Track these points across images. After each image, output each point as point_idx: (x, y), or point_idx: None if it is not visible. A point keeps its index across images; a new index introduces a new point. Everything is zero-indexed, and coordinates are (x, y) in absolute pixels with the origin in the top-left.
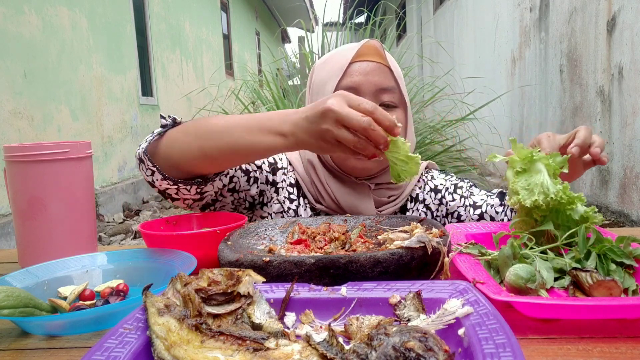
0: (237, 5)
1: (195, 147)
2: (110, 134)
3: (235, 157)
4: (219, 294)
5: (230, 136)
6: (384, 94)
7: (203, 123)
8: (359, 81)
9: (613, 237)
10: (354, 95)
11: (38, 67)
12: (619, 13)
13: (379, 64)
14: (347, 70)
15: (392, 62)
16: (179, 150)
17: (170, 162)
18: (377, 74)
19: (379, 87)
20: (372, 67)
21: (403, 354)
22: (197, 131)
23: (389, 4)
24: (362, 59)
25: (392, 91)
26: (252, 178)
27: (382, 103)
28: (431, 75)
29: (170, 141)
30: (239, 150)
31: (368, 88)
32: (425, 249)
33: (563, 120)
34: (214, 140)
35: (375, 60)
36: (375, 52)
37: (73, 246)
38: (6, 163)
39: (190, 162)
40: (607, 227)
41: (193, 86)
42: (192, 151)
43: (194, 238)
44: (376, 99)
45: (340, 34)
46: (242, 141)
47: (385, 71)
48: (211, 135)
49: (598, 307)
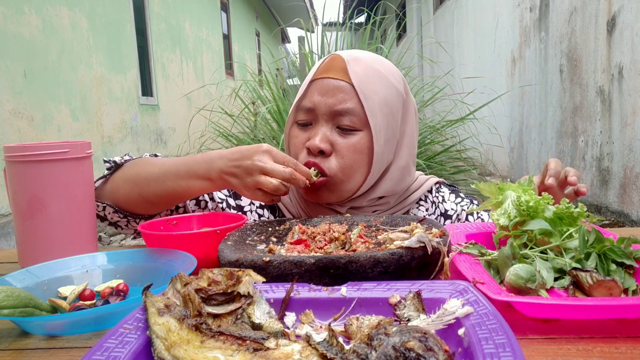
0: (237, 5)
1: (135, 194)
2: (110, 134)
3: (172, 200)
4: (219, 294)
5: (164, 183)
6: (340, 116)
7: (140, 170)
8: (316, 101)
9: (615, 237)
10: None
11: (38, 67)
12: (619, 13)
13: (340, 82)
14: (308, 87)
15: (363, 78)
16: (122, 197)
17: (117, 205)
18: (335, 94)
19: (333, 109)
20: (332, 85)
21: (403, 354)
22: (135, 179)
23: (388, 4)
24: (323, 75)
25: (350, 113)
26: (202, 202)
27: (339, 126)
28: (431, 76)
29: (114, 188)
30: (174, 195)
31: (323, 109)
32: (425, 249)
33: (563, 120)
34: (151, 187)
35: (337, 77)
36: (339, 67)
37: (73, 246)
38: (6, 163)
39: (134, 206)
40: (607, 227)
41: (193, 86)
42: (133, 197)
43: (194, 238)
44: (333, 121)
45: (340, 34)
46: (175, 187)
47: (346, 90)
48: (148, 182)
49: (598, 307)
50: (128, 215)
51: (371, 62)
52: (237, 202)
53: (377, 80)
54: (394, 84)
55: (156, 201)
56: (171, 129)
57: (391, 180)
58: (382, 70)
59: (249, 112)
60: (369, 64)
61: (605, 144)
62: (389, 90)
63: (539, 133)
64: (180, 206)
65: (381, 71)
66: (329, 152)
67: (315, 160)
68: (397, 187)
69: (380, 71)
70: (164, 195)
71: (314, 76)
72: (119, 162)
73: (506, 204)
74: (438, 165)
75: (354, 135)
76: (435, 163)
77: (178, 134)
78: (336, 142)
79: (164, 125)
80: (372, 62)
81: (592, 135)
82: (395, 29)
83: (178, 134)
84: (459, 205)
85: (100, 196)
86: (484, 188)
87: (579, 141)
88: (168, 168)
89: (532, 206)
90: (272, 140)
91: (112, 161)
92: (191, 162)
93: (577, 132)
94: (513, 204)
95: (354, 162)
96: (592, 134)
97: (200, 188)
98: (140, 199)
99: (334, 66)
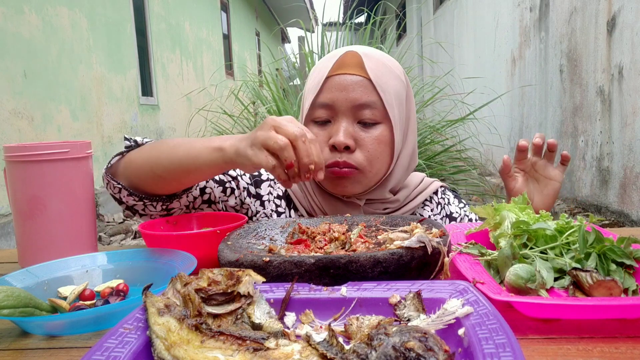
0: (237, 5)
1: (147, 168)
2: (110, 134)
3: (181, 175)
4: (219, 294)
5: (175, 154)
6: (362, 110)
7: (156, 145)
8: (335, 97)
9: (615, 237)
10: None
11: (38, 67)
12: (619, 13)
13: (358, 77)
14: (324, 84)
15: (377, 73)
16: (135, 172)
17: (129, 182)
18: (355, 88)
19: (355, 104)
20: (350, 81)
21: (403, 354)
22: (149, 153)
23: (388, 4)
24: (340, 71)
25: (372, 107)
26: (229, 189)
27: (360, 120)
28: (431, 76)
29: (127, 163)
30: (182, 167)
31: (344, 104)
32: (425, 249)
33: (563, 120)
34: (162, 160)
35: (354, 72)
36: (355, 63)
37: (73, 246)
38: (6, 163)
39: (145, 183)
40: (607, 227)
41: (193, 86)
42: (145, 172)
43: (194, 238)
44: (354, 116)
45: (340, 34)
46: (184, 159)
47: (365, 85)
48: (159, 155)
49: (598, 307)
50: (144, 198)
51: (380, 57)
52: (257, 191)
53: (389, 74)
54: (399, 76)
55: (165, 175)
56: (171, 129)
57: (402, 167)
58: (390, 64)
59: (248, 112)
60: (379, 59)
61: (605, 144)
62: (398, 83)
63: (539, 133)
64: (206, 192)
65: (389, 65)
66: (353, 148)
67: (342, 157)
68: (405, 174)
69: (389, 65)
70: (172, 169)
71: (329, 73)
72: (140, 142)
73: (505, 225)
74: (438, 165)
75: (375, 129)
76: (435, 163)
77: (178, 134)
78: (359, 136)
79: (164, 125)
80: (380, 57)
81: (592, 135)
82: (395, 29)
83: (178, 134)
84: (462, 209)
85: (115, 174)
86: (480, 211)
87: (579, 141)
88: (184, 141)
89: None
90: None
91: (132, 140)
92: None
93: (577, 132)
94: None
95: (379, 153)
96: (592, 134)
97: (206, 159)
98: (151, 173)
99: (349, 62)
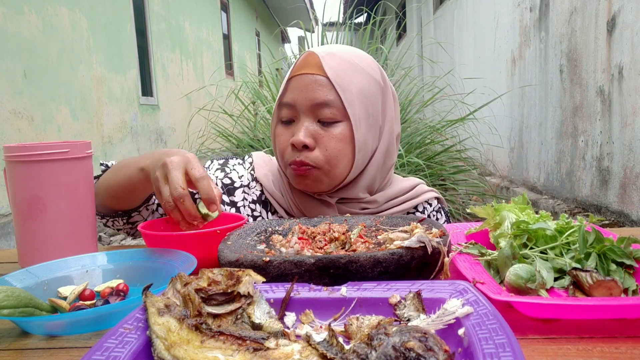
0: (237, 5)
1: (103, 188)
2: (110, 134)
3: (128, 194)
4: (219, 294)
5: (119, 177)
6: (321, 108)
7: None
8: (295, 97)
9: (615, 237)
10: (199, 163)
11: (38, 67)
12: (619, 13)
13: (317, 76)
14: (287, 85)
15: (337, 71)
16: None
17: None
18: (314, 87)
19: (314, 102)
20: (309, 80)
21: (403, 354)
22: (107, 177)
23: (388, 4)
24: (299, 72)
25: (330, 105)
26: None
27: (320, 119)
28: (431, 76)
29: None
30: (126, 188)
31: (304, 104)
32: (425, 249)
33: (563, 120)
34: (112, 183)
35: (312, 72)
36: (313, 63)
37: (73, 246)
38: (6, 163)
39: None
40: (607, 227)
41: (193, 86)
42: (106, 195)
43: (194, 238)
44: (314, 115)
45: (341, 34)
46: (123, 181)
47: (324, 84)
48: (111, 178)
49: (598, 307)
50: (106, 215)
51: (345, 55)
52: (231, 199)
53: (353, 72)
54: (370, 74)
55: (117, 195)
56: (171, 129)
57: (376, 165)
58: (357, 61)
59: (248, 112)
60: (343, 57)
61: (605, 144)
62: (366, 80)
63: (539, 133)
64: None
65: (356, 63)
66: (312, 146)
67: (300, 157)
68: (381, 173)
69: (356, 63)
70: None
71: (291, 74)
72: (110, 165)
73: (505, 225)
74: (438, 165)
75: (335, 127)
76: (435, 163)
77: (178, 134)
78: (319, 134)
79: (164, 125)
80: (346, 55)
81: (592, 135)
82: (395, 29)
83: (178, 134)
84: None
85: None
86: (480, 211)
87: (579, 141)
88: (127, 161)
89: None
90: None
91: (105, 164)
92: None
93: (577, 132)
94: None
95: (338, 152)
96: (592, 134)
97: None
98: (107, 194)
99: (309, 62)
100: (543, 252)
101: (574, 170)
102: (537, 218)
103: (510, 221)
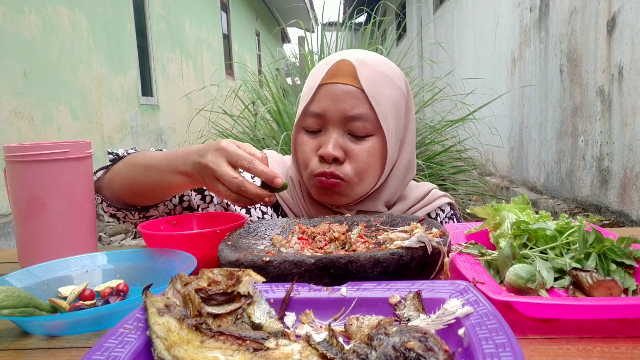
0: (237, 5)
1: (125, 185)
2: (110, 134)
3: (158, 193)
4: (219, 294)
5: (149, 176)
6: (353, 121)
7: (133, 162)
8: (326, 107)
9: (615, 237)
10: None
11: (38, 67)
12: (619, 13)
13: (350, 87)
14: (316, 93)
15: (371, 82)
16: (117, 189)
17: (114, 195)
18: (347, 99)
19: (346, 115)
20: (341, 91)
21: (403, 354)
22: (127, 172)
23: (388, 4)
24: (331, 80)
25: (363, 119)
26: (208, 196)
27: (350, 132)
28: (431, 76)
29: (109, 181)
30: (157, 188)
31: (335, 115)
32: (425, 249)
33: (563, 120)
34: (137, 179)
35: (346, 82)
36: (347, 72)
37: (73, 246)
38: (6, 163)
39: (127, 198)
40: (607, 227)
41: (193, 86)
42: (124, 188)
43: (194, 238)
44: (344, 127)
45: (340, 34)
46: (158, 180)
47: (357, 95)
48: (134, 175)
49: (598, 307)
50: (122, 208)
51: (377, 65)
52: None
53: (385, 83)
54: (398, 85)
55: (143, 193)
56: (171, 129)
57: (396, 179)
58: (387, 72)
59: (248, 112)
60: (375, 67)
61: (605, 144)
62: (396, 92)
63: (539, 133)
64: (185, 200)
65: (387, 73)
66: (342, 159)
67: (330, 168)
68: (401, 186)
69: (386, 73)
70: (148, 188)
71: (322, 81)
72: (121, 154)
73: (505, 225)
74: (438, 165)
75: (366, 141)
76: (435, 163)
77: (178, 134)
78: (349, 148)
79: (164, 125)
80: (378, 65)
81: (592, 135)
82: (395, 29)
83: (178, 134)
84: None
85: (100, 188)
86: (480, 211)
87: (579, 141)
88: (154, 161)
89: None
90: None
91: (114, 153)
92: (172, 157)
93: (577, 132)
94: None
95: (368, 166)
96: (592, 134)
97: (180, 183)
98: (130, 190)
99: (342, 71)
100: (543, 252)
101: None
102: (537, 218)
103: (510, 221)
